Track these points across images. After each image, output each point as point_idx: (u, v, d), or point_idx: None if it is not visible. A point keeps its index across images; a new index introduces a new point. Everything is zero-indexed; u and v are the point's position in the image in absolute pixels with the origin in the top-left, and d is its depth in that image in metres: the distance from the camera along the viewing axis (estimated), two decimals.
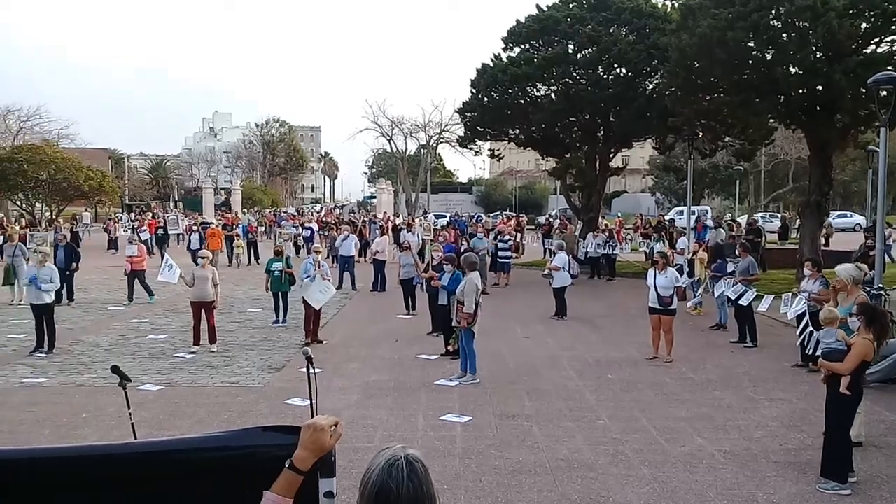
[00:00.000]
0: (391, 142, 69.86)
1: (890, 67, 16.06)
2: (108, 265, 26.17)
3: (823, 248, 23.38)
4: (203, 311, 13.23)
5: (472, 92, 27.97)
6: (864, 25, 18.29)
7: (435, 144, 69.25)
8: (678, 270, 14.76)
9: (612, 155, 28.87)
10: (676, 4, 24.16)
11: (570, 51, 26.03)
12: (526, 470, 7.47)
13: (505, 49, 27.43)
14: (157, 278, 15.06)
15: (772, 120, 21.90)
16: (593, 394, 10.42)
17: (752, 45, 19.22)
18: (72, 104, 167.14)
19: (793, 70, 18.94)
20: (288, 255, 17.06)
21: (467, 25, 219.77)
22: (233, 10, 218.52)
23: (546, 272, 17.81)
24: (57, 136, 59.06)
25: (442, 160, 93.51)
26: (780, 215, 46.38)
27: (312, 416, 2.40)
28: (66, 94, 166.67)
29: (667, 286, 12.40)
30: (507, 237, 24.05)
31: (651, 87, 25.67)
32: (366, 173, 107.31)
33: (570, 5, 26.68)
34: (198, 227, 30.08)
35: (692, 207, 25.16)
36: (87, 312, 17.60)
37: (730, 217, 37.35)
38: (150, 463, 2.48)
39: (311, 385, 3.13)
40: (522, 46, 27.11)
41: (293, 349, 13.24)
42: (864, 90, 15.90)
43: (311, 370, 3.16)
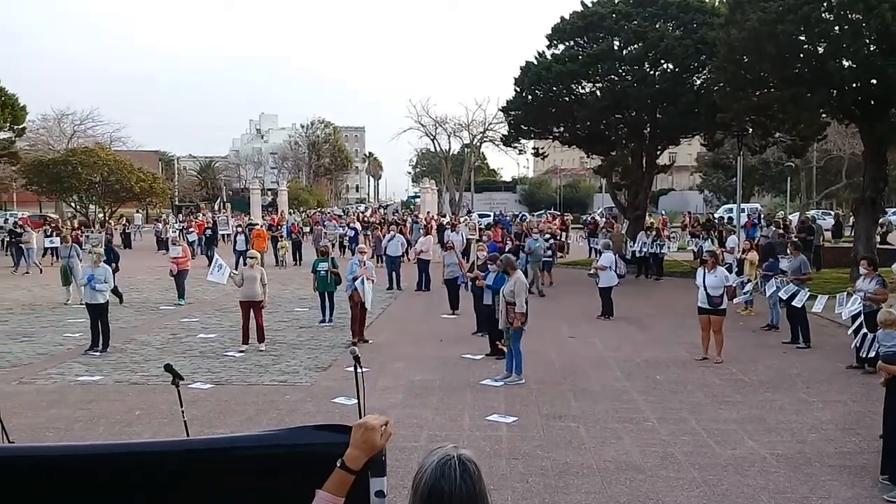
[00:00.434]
0: (435, 141, 70.33)
1: None
2: (159, 265, 26.73)
3: (879, 246, 22.79)
4: (252, 310, 13.41)
5: (515, 90, 27.85)
6: None
7: (478, 143, 69.33)
8: (727, 269, 14.49)
9: (658, 152, 28.52)
10: None
11: (616, 47, 25.73)
12: (573, 471, 7.41)
13: (549, 46, 27.25)
14: (207, 278, 15.32)
15: (824, 115, 21.43)
16: (641, 395, 10.29)
17: (802, 38, 18.85)
18: (124, 110, 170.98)
19: (845, 64, 18.48)
20: (332, 255, 17.22)
21: (512, 23, 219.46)
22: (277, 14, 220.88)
23: (592, 271, 17.65)
24: (109, 139, 60.28)
25: (485, 159, 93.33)
26: (832, 213, 45.29)
27: (361, 415, 2.40)
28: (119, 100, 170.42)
29: (716, 285, 12.18)
30: (548, 235, 23.89)
31: (699, 82, 25.33)
32: (409, 173, 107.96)
33: (616, 1, 26.39)
34: (244, 229, 30.51)
35: (742, 205, 24.69)
36: (139, 312, 18.00)
37: (781, 215, 36.58)
38: (205, 460, 2.52)
39: (359, 384, 3.13)
40: (567, 43, 26.91)
41: (339, 348, 13.36)
42: None
43: (359, 369, 3.17)
